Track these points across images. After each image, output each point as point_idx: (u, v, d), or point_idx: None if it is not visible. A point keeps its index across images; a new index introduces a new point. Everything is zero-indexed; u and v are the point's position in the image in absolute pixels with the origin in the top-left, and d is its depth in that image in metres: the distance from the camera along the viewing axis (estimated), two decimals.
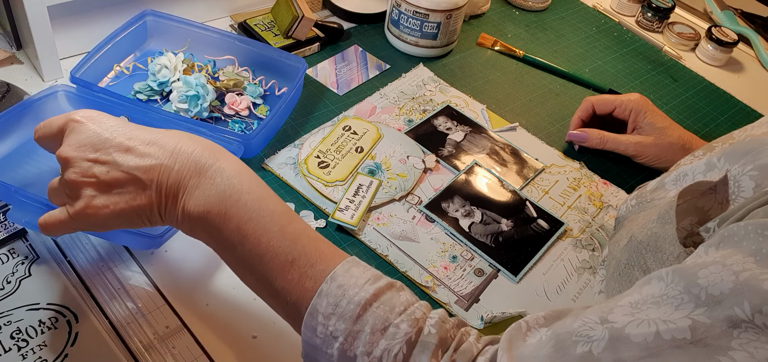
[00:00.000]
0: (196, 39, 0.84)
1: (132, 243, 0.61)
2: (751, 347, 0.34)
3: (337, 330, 0.45)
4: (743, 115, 1.01)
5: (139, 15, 0.82)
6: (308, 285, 0.46)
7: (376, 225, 0.69)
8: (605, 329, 0.39)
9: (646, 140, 0.81)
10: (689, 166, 0.56)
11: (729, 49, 1.11)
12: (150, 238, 0.59)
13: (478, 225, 0.71)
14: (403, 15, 0.93)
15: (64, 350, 0.53)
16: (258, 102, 0.80)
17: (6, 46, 0.82)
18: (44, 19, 0.74)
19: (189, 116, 0.75)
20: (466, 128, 0.85)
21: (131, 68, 0.81)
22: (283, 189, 0.72)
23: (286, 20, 0.90)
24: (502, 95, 0.94)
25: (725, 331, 0.35)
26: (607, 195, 0.80)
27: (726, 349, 0.35)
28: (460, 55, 1.00)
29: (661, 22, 1.17)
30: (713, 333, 0.35)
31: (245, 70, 0.84)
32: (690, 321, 0.36)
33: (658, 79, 1.06)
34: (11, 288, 0.57)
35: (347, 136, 0.78)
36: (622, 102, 0.84)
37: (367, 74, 0.92)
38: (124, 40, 0.80)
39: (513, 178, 0.79)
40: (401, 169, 0.76)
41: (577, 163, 0.84)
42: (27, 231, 0.61)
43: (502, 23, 1.12)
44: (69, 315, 0.56)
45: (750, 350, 0.34)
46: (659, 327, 0.37)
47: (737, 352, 0.34)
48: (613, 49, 1.11)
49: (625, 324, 0.39)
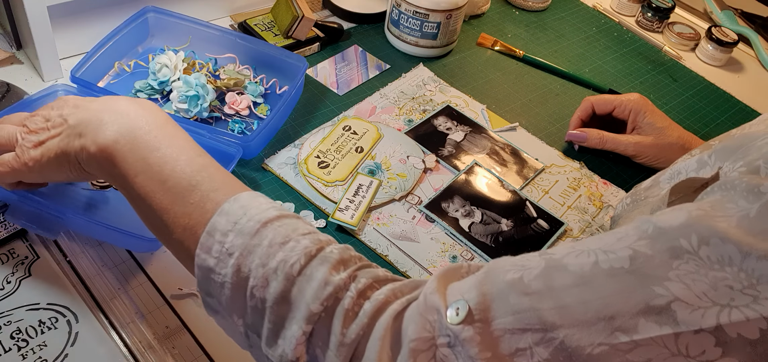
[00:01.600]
0: (198, 36, 0.84)
1: (132, 245, 0.61)
2: (688, 279, 0.32)
3: (233, 246, 0.42)
4: (743, 115, 1.01)
5: (141, 11, 0.82)
6: (209, 207, 0.44)
7: (376, 225, 0.69)
8: (542, 259, 0.38)
9: (646, 140, 0.81)
10: (683, 164, 0.56)
11: (729, 49, 1.11)
12: (150, 240, 0.59)
13: (478, 225, 0.71)
14: (403, 15, 0.93)
15: (64, 350, 0.53)
16: (259, 101, 0.80)
17: (6, 46, 0.82)
18: (44, 19, 0.74)
19: (189, 117, 0.75)
20: (466, 128, 0.85)
21: (132, 66, 0.81)
22: (283, 189, 0.72)
23: (286, 20, 0.90)
24: (502, 95, 0.94)
25: (665, 261, 0.33)
26: (607, 195, 0.80)
27: (662, 279, 0.33)
28: (460, 55, 1.00)
29: (661, 22, 1.17)
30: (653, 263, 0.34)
31: (246, 68, 0.84)
32: (631, 251, 0.35)
33: (658, 79, 1.06)
34: (11, 288, 0.57)
35: (347, 136, 0.79)
36: (622, 102, 0.84)
37: (367, 74, 0.92)
38: (125, 37, 0.80)
39: (513, 178, 0.79)
40: (401, 169, 0.76)
41: (577, 163, 0.84)
42: (27, 232, 0.61)
43: (502, 23, 1.12)
44: (69, 315, 0.56)
45: (687, 282, 0.32)
46: (598, 258, 0.36)
47: (673, 283, 0.32)
48: (613, 49, 1.11)
49: (564, 255, 0.37)
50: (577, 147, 0.86)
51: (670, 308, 0.32)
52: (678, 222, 0.35)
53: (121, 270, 0.60)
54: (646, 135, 0.82)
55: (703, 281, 0.32)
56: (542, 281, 0.36)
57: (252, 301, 0.41)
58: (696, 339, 0.31)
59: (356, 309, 0.40)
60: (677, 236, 0.34)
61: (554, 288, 0.36)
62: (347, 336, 0.39)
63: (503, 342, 0.35)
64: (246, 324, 0.42)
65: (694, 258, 0.33)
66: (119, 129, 0.48)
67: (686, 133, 0.82)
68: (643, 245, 0.35)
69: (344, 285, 0.41)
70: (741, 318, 0.31)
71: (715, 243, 0.33)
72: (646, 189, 0.61)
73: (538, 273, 0.37)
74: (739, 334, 0.31)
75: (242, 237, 0.42)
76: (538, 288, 0.36)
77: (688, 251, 0.33)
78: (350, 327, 0.39)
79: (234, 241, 0.42)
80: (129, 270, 0.60)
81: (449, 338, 0.36)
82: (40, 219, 0.59)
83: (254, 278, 0.41)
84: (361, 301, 0.41)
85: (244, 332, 0.43)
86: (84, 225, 0.61)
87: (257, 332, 0.42)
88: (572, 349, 0.34)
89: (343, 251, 0.43)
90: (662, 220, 0.35)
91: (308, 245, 0.42)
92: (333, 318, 0.40)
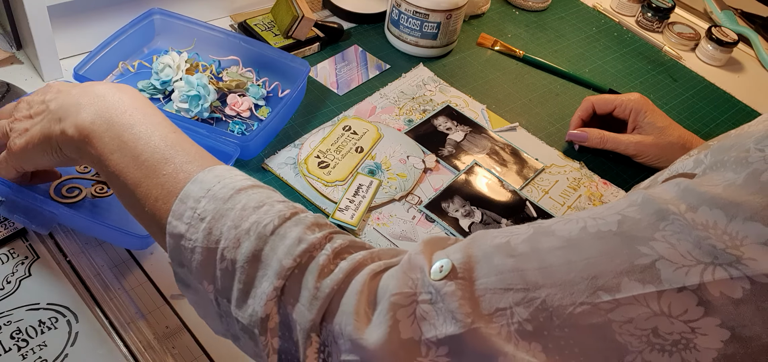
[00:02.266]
0: (202, 38, 0.84)
1: (131, 244, 0.61)
2: (674, 238, 0.32)
3: (205, 211, 0.42)
4: (743, 115, 1.01)
5: (147, 13, 0.82)
6: (181, 177, 0.44)
7: (376, 225, 0.69)
8: (531, 227, 0.38)
9: (646, 140, 0.81)
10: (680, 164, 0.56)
11: (729, 49, 1.11)
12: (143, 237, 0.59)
13: (478, 225, 0.71)
14: (403, 15, 0.93)
15: (64, 350, 0.53)
16: (260, 103, 0.80)
17: (6, 46, 0.82)
18: (44, 19, 0.74)
19: (189, 116, 0.75)
20: (466, 128, 0.85)
21: (136, 66, 0.81)
22: (283, 189, 0.72)
23: (286, 20, 0.90)
24: (502, 95, 0.94)
25: (652, 223, 0.33)
26: (607, 195, 0.80)
27: (648, 239, 0.33)
28: (460, 55, 1.00)
29: (661, 22, 1.17)
30: (640, 226, 0.34)
31: (249, 71, 0.84)
32: (619, 216, 0.35)
33: (658, 79, 1.06)
34: (11, 288, 0.57)
35: (347, 136, 0.78)
36: (622, 101, 0.84)
37: (367, 74, 0.92)
38: (130, 37, 0.81)
39: (513, 178, 0.79)
40: (401, 168, 0.76)
41: (577, 162, 0.84)
42: (27, 231, 0.61)
43: (502, 23, 1.12)
44: (69, 315, 0.56)
45: (672, 241, 0.32)
46: (587, 223, 0.36)
47: (658, 243, 0.32)
48: (613, 49, 1.11)
49: (552, 223, 0.37)
50: (578, 147, 0.86)
51: (654, 266, 0.32)
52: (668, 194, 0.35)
53: (121, 270, 0.60)
54: (646, 134, 0.82)
55: (688, 240, 0.32)
56: (529, 244, 0.36)
57: (222, 263, 0.41)
58: (679, 298, 0.31)
59: (332, 267, 0.39)
60: (666, 202, 0.34)
61: (540, 250, 0.36)
62: (321, 290, 0.38)
63: (484, 301, 0.35)
64: (216, 289, 0.42)
65: (680, 219, 0.33)
66: (96, 110, 0.49)
67: (687, 132, 0.82)
68: (632, 211, 0.35)
69: (319, 244, 0.40)
70: (724, 276, 0.30)
71: (702, 209, 0.33)
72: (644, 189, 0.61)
73: (525, 238, 0.37)
74: (722, 293, 0.30)
75: (215, 202, 0.42)
76: (523, 250, 0.36)
77: (675, 213, 0.33)
78: (324, 282, 0.38)
79: (206, 206, 0.42)
80: (129, 270, 0.60)
81: (431, 295, 0.36)
82: (35, 214, 0.59)
83: (226, 240, 0.41)
84: (337, 260, 0.40)
85: (215, 298, 0.42)
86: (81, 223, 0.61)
87: (227, 296, 0.41)
88: (553, 309, 0.33)
89: (318, 217, 0.43)
90: (652, 191, 0.36)
91: (282, 209, 0.42)
92: (305, 273, 0.39)
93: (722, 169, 0.35)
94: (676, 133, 0.81)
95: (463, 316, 0.34)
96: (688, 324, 0.31)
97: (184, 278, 0.44)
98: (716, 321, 0.31)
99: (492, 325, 0.34)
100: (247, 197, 0.42)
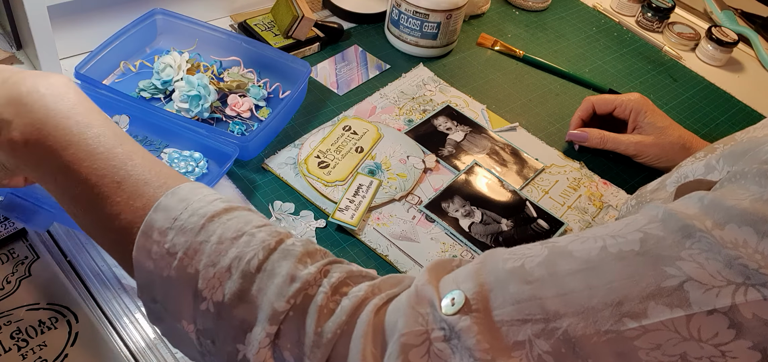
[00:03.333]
0: (204, 39, 0.84)
1: None
2: (702, 257, 0.30)
3: (175, 246, 0.37)
4: (743, 115, 1.01)
5: (149, 13, 0.83)
6: (138, 205, 0.39)
7: (376, 225, 0.69)
8: (545, 247, 0.35)
9: (647, 140, 0.81)
10: (689, 167, 0.56)
11: (729, 49, 1.11)
12: None
13: (478, 225, 0.71)
14: (403, 15, 0.93)
15: (64, 350, 0.53)
16: (261, 104, 0.80)
17: (6, 46, 0.82)
18: (44, 19, 0.74)
19: (190, 116, 0.75)
20: (466, 128, 0.85)
21: (138, 66, 0.81)
22: (283, 189, 0.72)
23: (286, 20, 0.90)
24: (502, 95, 0.94)
25: (677, 241, 0.31)
26: (607, 195, 0.80)
27: (674, 259, 0.31)
28: (460, 55, 1.00)
29: (661, 22, 1.17)
30: (664, 244, 0.32)
31: (250, 72, 0.84)
32: (641, 235, 0.33)
33: (658, 79, 1.06)
34: (11, 288, 0.57)
35: (347, 136, 0.79)
36: (623, 101, 0.84)
37: (367, 74, 0.92)
38: (132, 37, 0.81)
39: (513, 178, 0.79)
40: (401, 169, 0.76)
41: (577, 162, 0.84)
42: (27, 231, 0.61)
43: (502, 23, 1.12)
44: (69, 315, 0.56)
45: (701, 260, 0.30)
46: (606, 243, 0.33)
47: (686, 263, 0.31)
48: (613, 49, 1.11)
49: (569, 242, 0.35)
50: (578, 147, 0.86)
51: (682, 288, 0.30)
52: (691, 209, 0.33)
53: (121, 270, 0.60)
54: (646, 135, 0.82)
55: (717, 259, 0.30)
56: (545, 268, 0.34)
57: (202, 305, 0.37)
58: (709, 321, 0.30)
59: (332, 306, 0.36)
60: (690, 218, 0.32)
61: (558, 274, 0.33)
62: (323, 335, 0.35)
63: (502, 334, 0.33)
64: (197, 330, 0.38)
65: (707, 237, 0.31)
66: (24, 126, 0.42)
67: (687, 132, 0.82)
68: (654, 227, 0.33)
69: (315, 281, 0.37)
70: (757, 297, 0.29)
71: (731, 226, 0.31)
72: (651, 192, 0.61)
73: (540, 261, 0.34)
74: (755, 314, 0.29)
75: (185, 235, 0.38)
76: (540, 275, 0.34)
77: (701, 230, 0.31)
78: (326, 325, 0.36)
79: (175, 240, 0.38)
80: None
81: (445, 330, 0.34)
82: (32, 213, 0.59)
83: (203, 280, 0.37)
84: (337, 297, 0.37)
85: (196, 338, 0.38)
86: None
87: (211, 338, 0.37)
88: (576, 339, 0.31)
89: (307, 244, 0.39)
90: (673, 206, 0.34)
91: (265, 238, 0.38)
92: (305, 316, 0.36)
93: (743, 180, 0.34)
94: (676, 133, 0.81)
95: (482, 353, 0.32)
96: (718, 348, 0.30)
97: (157, 313, 0.40)
98: (748, 344, 0.29)
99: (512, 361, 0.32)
100: (222, 226, 0.38)
